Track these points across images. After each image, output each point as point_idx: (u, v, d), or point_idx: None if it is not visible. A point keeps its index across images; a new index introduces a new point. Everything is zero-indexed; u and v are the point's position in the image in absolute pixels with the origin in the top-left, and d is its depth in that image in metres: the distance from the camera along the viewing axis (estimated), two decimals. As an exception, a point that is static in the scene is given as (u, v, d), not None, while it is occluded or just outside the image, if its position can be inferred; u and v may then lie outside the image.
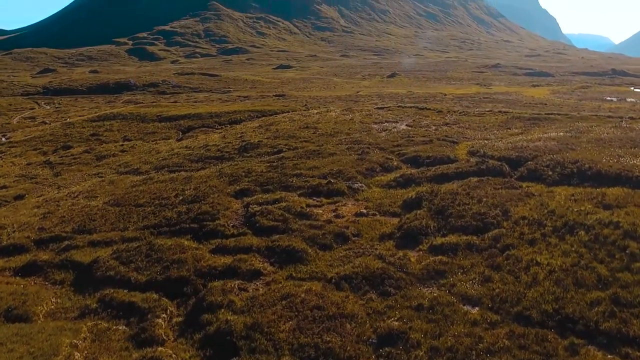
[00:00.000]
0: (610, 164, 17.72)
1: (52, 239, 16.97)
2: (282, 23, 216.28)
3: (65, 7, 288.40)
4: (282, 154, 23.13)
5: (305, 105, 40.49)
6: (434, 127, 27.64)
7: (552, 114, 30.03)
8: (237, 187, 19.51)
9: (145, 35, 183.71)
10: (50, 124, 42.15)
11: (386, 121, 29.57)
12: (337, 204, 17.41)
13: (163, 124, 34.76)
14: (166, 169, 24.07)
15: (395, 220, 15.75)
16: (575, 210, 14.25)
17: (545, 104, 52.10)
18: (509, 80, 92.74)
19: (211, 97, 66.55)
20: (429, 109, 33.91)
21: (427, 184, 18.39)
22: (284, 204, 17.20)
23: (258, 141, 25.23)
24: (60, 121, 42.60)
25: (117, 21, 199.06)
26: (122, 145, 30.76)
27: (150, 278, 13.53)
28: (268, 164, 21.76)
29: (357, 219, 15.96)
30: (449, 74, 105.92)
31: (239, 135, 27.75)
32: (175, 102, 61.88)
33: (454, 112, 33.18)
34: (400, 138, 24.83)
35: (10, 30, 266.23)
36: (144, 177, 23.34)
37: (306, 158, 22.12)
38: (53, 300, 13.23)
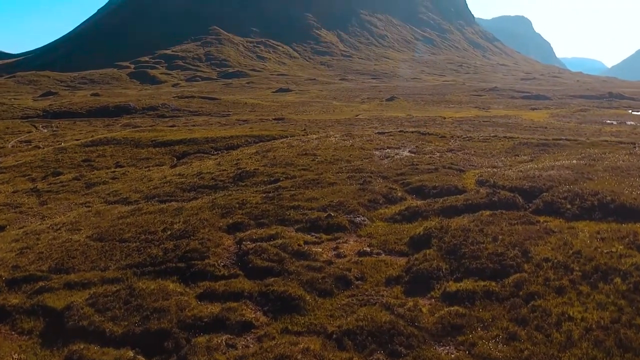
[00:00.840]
0: (635, 197, 16.05)
1: (25, 279, 15.17)
2: (282, 47, 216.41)
3: (69, 32, 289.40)
4: (279, 184, 21.45)
5: (304, 129, 38.96)
6: (438, 154, 26.01)
7: (560, 139, 28.43)
8: (230, 221, 17.79)
9: (147, 59, 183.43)
10: (43, 148, 40.55)
11: (388, 147, 27.96)
12: (338, 241, 15.68)
13: (157, 149, 33.15)
14: (156, 198, 22.37)
15: (403, 261, 14.01)
16: (605, 251, 12.53)
17: (546, 128, 50.73)
18: (507, 103, 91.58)
19: (210, 121, 65.18)
20: (432, 134, 32.34)
21: (435, 217, 16.68)
22: (279, 240, 15.45)
23: (254, 169, 23.55)
24: (54, 145, 40.97)
25: (119, 45, 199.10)
26: (113, 171, 29.09)
27: (127, 330, 11.74)
28: (264, 195, 20.05)
29: (361, 258, 14.21)
30: (448, 97, 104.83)
31: (235, 162, 26.09)
32: (173, 125, 60.47)
33: (458, 137, 31.61)
34: (404, 166, 23.17)
35: (16, 54, 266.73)
36: (132, 207, 21.63)
37: (304, 188, 20.43)
38: (15, 356, 11.42)
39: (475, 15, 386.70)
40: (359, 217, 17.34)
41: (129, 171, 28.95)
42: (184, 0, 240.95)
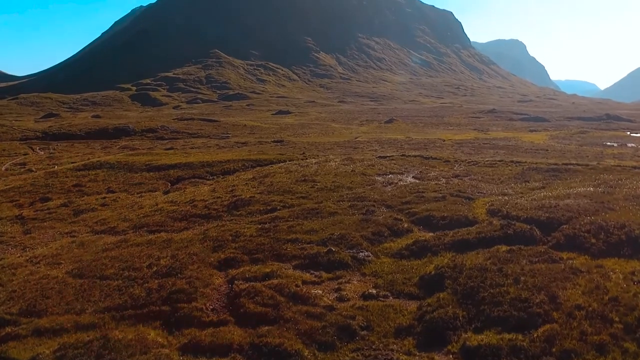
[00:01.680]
0: (666, 231, 14.34)
1: (-8, 324, 13.38)
2: (282, 70, 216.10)
3: (73, 55, 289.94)
4: (276, 213, 19.70)
5: (303, 153, 37.34)
6: (444, 180, 24.33)
7: (570, 164, 26.79)
8: (222, 256, 16.02)
9: (149, 81, 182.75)
10: (36, 171, 38.81)
11: (391, 172, 26.28)
12: (340, 280, 13.90)
13: (151, 173, 31.44)
14: (145, 228, 20.59)
15: (413, 306, 12.23)
16: (647, 299, 10.78)
17: (547, 150, 49.21)
18: (506, 125, 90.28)
19: (208, 143, 63.64)
20: (435, 158, 30.71)
21: (446, 253, 14.95)
22: (275, 280, 13.68)
23: (250, 197, 21.81)
24: (47, 169, 39.27)
25: (122, 68, 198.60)
26: (104, 197, 27.33)
27: (95, 394, 9.94)
28: (259, 226, 18.30)
29: (366, 303, 12.41)
30: (446, 119, 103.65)
31: (230, 188, 24.37)
32: (171, 148, 58.87)
33: (462, 161, 29.97)
34: (409, 193, 21.45)
35: (20, 76, 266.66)
36: (119, 238, 19.86)
37: (303, 218, 18.69)
38: None
39: (471, 39, 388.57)
40: (362, 252, 15.58)
41: (120, 197, 27.21)
42: (186, 24, 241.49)
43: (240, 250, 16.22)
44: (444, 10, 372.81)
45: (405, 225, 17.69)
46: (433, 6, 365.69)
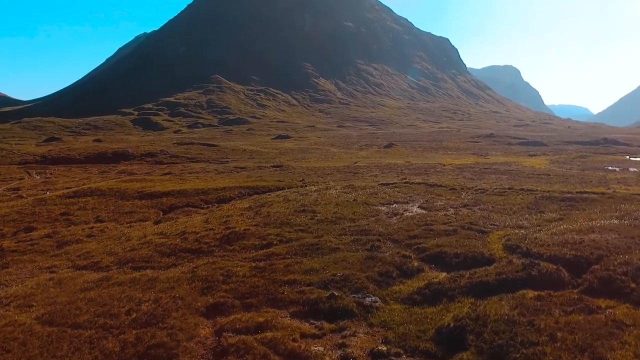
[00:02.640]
0: None
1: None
2: (282, 95, 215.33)
3: (77, 80, 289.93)
4: (272, 249, 17.62)
5: (302, 179, 35.34)
6: (452, 210, 22.31)
7: (585, 192, 24.81)
8: (211, 300, 13.94)
9: (151, 105, 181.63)
10: (26, 198, 36.75)
11: (395, 202, 24.27)
12: (344, 333, 11.79)
13: (143, 201, 29.38)
14: (130, 264, 18.51)
15: (432, 369, 10.15)
16: None
17: (549, 175, 47.31)
18: (505, 149, 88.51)
19: (207, 168, 61.72)
20: (441, 185, 28.74)
21: (464, 298, 12.90)
22: (269, 333, 11.58)
23: (244, 229, 19.75)
24: (40, 195, 37.24)
25: (124, 93, 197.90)
26: (91, 227, 25.25)
27: None
28: (253, 264, 16.22)
29: (375, 364, 10.33)
30: (445, 143, 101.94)
31: (224, 219, 22.31)
32: (170, 172, 56.90)
33: (469, 189, 27.99)
34: (416, 226, 19.41)
35: (25, 101, 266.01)
36: (101, 275, 17.77)
37: (302, 255, 16.62)
38: None
39: (467, 65, 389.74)
40: (368, 296, 13.51)
41: (108, 227, 25.13)
42: (188, 50, 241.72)
43: (231, 294, 14.14)
44: (440, 37, 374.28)
45: (415, 264, 15.63)
46: (430, 33, 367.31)
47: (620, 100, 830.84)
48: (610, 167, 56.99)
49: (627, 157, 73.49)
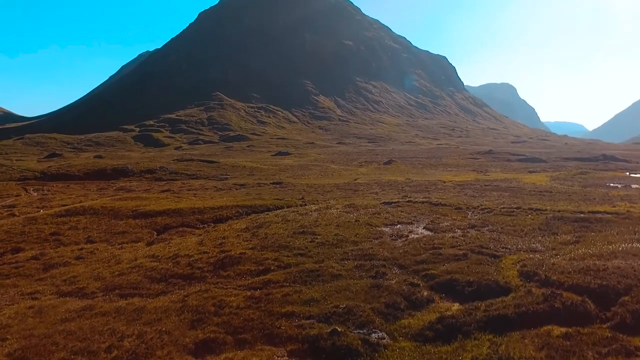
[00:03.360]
0: None
1: None
2: (282, 112, 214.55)
3: (81, 97, 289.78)
4: (269, 275, 16.07)
5: (302, 197, 33.83)
6: (459, 232, 20.83)
7: (598, 212, 23.34)
8: (200, 335, 12.41)
9: (152, 122, 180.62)
10: (18, 216, 35.24)
11: (399, 222, 22.79)
12: (348, 378, 10.29)
13: (137, 221, 27.85)
14: (118, 291, 16.98)
15: None
16: None
17: (551, 192, 45.85)
18: (504, 166, 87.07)
19: (206, 185, 60.25)
20: (445, 204, 27.27)
21: (481, 335, 11.38)
22: (264, 378, 10.07)
23: (240, 253, 18.23)
24: (31, 213, 35.72)
25: (127, 110, 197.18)
26: (81, 249, 23.72)
27: None
28: (249, 293, 14.69)
29: (385, 419, 8.80)
30: (444, 160, 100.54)
31: (219, 242, 20.78)
32: (168, 189, 55.44)
33: (474, 208, 26.51)
34: (423, 250, 17.90)
35: (30, 117, 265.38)
36: (85, 303, 16.23)
37: (301, 283, 15.10)
38: None
39: (464, 83, 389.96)
40: (375, 332, 11.98)
41: (98, 248, 23.59)
42: (190, 68, 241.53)
43: (223, 328, 12.62)
44: (438, 55, 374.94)
45: (425, 294, 14.10)
46: (428, 51, 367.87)
47: (614, 117, 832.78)
48: (611, 184, 55.56)
49: (627, 173, 72.10)
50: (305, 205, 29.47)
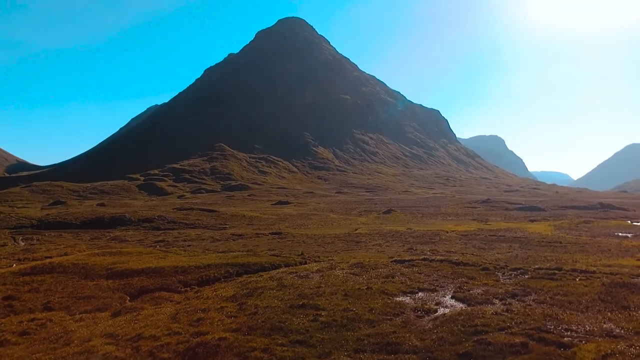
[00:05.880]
0: None
1: None
2: (282, 162, 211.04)
3: (92, 147, 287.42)
4: (254, 379, 10.85)
5: (302, 254, 28.57)
6: (499, 303, 15.60)
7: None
8: None
9: (157, 171, 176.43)
10: (-13, 273, 29.86)
11: (419, 289, 17.55)
12: None
13: (110, 282, 22.55)
14: (48, 394, 11.65)
15: None
16: None
17: (561, 242, 40.73)
18: (504, 215, 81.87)
19: (203, 235, 55.04)
20: (468, 263, 22.08)
21: None
22: None
23: (218, 339, 12.90)
24: (3, 268, 30.39)
25: (133, 160, 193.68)
26: (32, 320, 18.37)
27: None
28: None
29: None
30: (443, 209, 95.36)
31: (197, 317, 15.47)
32: (163, 240, 50.43)
33: (503, 268, 21.30)
34: (463, 334, 12.65)
35: (42, 166, 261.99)
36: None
37: (300, 397, 9.85)
38: None
39: (456, 135, 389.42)
40: None
41: (52, 319, 18.23)
42: (194, 119, 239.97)
43: None
44: (431, 108, 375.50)
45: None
46: (421, 105, 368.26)
47: (598, 167, 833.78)
48: (620, 234, 50.55)
49: (629, 221, 67.12)
50: (305, 263, 24.22)
